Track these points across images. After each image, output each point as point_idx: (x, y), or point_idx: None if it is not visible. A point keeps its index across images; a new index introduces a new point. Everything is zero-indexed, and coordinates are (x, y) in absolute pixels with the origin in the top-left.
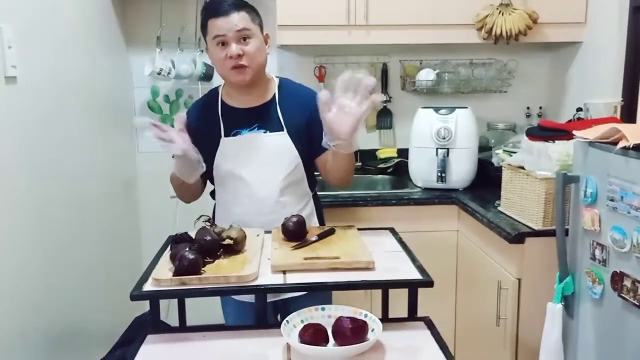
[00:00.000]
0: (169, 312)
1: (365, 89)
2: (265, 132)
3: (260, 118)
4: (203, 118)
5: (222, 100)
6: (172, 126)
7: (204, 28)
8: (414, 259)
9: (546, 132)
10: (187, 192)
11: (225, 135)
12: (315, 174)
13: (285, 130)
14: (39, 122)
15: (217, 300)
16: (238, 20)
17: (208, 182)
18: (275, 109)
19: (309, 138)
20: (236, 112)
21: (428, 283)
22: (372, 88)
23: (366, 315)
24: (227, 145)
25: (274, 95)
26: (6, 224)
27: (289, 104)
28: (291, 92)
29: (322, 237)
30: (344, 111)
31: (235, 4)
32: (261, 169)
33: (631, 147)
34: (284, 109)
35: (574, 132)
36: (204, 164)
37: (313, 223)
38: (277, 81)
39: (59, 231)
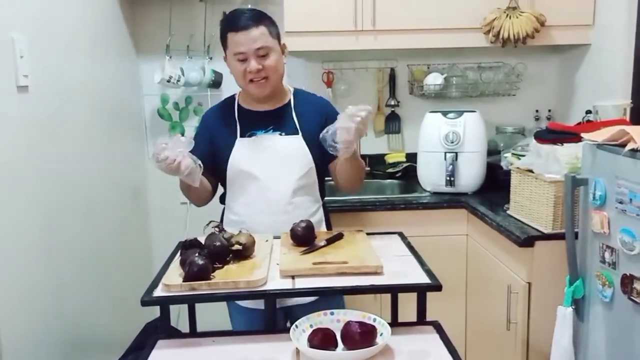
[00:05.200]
0: (179, 317)
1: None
2: (280, 134)
3: (275, 120)
4: (219, 120)
5: (238, 104)
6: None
7: (223, 39)
8: (422, 263)
9: (554, 135)
10: (195, 195)
11: (241, 136)
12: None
13: (300, 133)
14: (50, 130)
15: (226, 305)
16: (257, 36)
17: (219, 186)
18: (290, 113)
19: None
20: (252, 114)
21: (436, 287)
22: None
23: (375, 320)
24: (242, 145)
25: (289, 100)
26: (17, 230)
27: (304, 109)
28: (306, 99)
29: (330, 241)
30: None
31: (254, 17)
32: (275, 169)
33: (639, 149)
34: (299, 114)
35: (582, 135)
36: (201, 163)
37: (321, 230)
38: (292, 89)
39: (69, 237)
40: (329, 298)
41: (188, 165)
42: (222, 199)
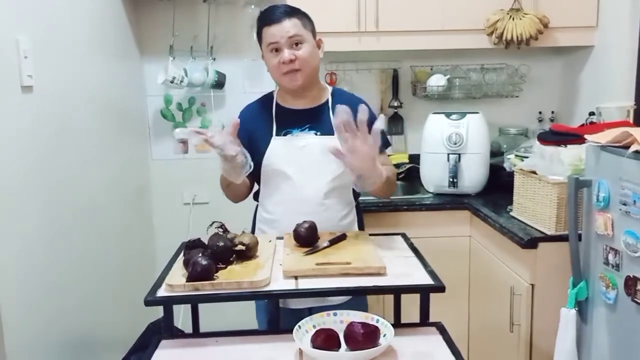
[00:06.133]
0: (181, 318)
1: (361, 125)
2: (316, 133)
3: (312, 119)
4: (256, 117)
5: (276, 102)
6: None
7: (259, 36)
8: (425, 264)
9: (558, 137)
10: (233, 192)
11: (277, 134)
12: None
13: (336, 134)
14: (54, 130)
15: (229, 305)
16: (289, 26)
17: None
18: (327, 113)
19: None
20: (289, 113)
21: (439, 288)
22: (366, 119)
23: (378, 320)
24: (277, 143)
25: (327, 100)
26: (21, 229)
27: None
28: (344, 99)
29: (333, 242)
30: (355, 153)
31: (287, 11)
32: (308, 169)
33: None
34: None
35: (586, 136)
36: (252, 163)
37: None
38: (330, 89)
39: (73, 237)
40: (354, 302)
41: (237, 150)
42: (256, 196)
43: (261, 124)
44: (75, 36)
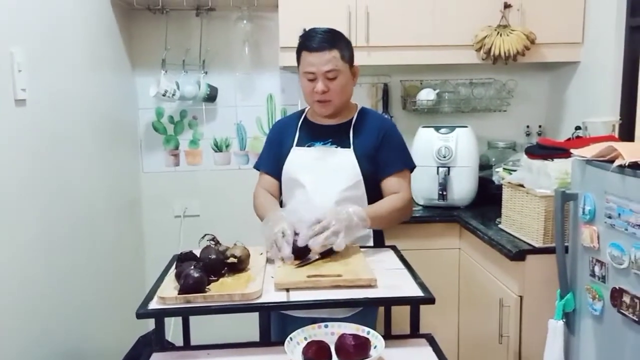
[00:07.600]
0: (172, 331)
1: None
2: (336, 147)
3: (334, 135)
4: (285, 129)
5: (305, 116)
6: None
7: (298, 55)
8: (415, 276)
9: (545, 151)
10: None
11: (298, 145)
12: None
13: (352, 147)
14: (46, 143)
15: (220, 318)
16: (328, 59)
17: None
18: (348, 129)
19: (376, 161)
20: (314, 127)
21: (429, 300)
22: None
23: (368, 332)
24: (296, 154)
25: (352, 118)
26: (12, 241)
27: (362, 125)
28: (367, 117)
29: (324, 255)
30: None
31: (329, 40)
32: (321, 178)
33: (627, 165)
34: (355, 129)
35: (572, 150)
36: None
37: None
38: (359, 107)
39: (65, 250)
40: (364, 315)
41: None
42: (281, 205)
43: (287, 135)
44: (69, 50)
